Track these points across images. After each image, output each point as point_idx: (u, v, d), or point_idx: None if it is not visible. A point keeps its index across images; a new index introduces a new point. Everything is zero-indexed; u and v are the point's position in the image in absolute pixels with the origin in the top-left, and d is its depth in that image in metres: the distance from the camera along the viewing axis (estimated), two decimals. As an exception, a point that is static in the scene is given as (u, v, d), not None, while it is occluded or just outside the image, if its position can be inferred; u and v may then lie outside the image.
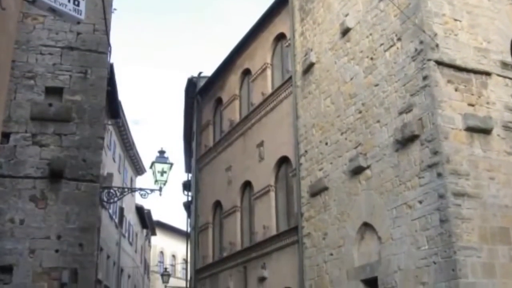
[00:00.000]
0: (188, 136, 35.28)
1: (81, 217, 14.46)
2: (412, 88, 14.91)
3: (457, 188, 13.37)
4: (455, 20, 15.31)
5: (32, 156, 14.71)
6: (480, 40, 15.50)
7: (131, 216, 48.86)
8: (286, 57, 23.20)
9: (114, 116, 34.26)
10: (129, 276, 47.97)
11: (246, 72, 26.63)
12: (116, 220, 39.89)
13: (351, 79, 17.76)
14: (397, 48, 15.77)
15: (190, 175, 34.13)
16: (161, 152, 19.35)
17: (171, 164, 18.93)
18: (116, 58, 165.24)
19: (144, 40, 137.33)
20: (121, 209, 40.99)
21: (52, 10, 10.84)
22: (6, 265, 13.67)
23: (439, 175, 13.54)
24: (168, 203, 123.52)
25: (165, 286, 44.64)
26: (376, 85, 16.48)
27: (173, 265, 69.15)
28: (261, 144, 23.83)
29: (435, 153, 13.75)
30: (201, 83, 31.13)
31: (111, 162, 37.09)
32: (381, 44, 16.50)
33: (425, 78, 14.50)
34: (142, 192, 18.44)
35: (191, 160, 33.66)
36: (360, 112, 17.07)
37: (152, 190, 18.28)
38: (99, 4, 15.78)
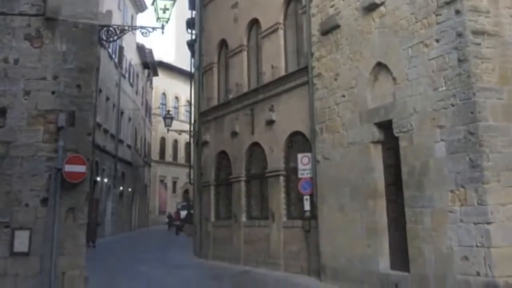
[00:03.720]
0: (191, -30, 34.80)
1: (78, 57, 14.47)
2: None
3: (476, 26, 13.30)
4: None
5: (27, -9, 14.56)
6: None
7: (131, 56, 49.06)
8: None
9: None
10: (129, 119, 48.81)
11: None
12: (116, 60, 40.15)
13: None
14: None
15: (194, 12, 33.83)
16: (163, -12, 19.14)
17: (174, 0, 18.77)
18: None
19: None
20: (121, 48, 41.14)
21: None
22: (0, 108, 13.88)
23: (457, 12, 13.46)
24: (171, 43, 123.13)
25: (168, 130, 45.20)
26: None
27: (176, 108, 69.94)
28: (269, -21, 23.53)
29: (453, -12, 13.61)
30: None
31: (109, -2, 36.89)
32: None
33: None
34: (143, 30, 18.34)
35: (195, -4, 33.30)
36: None
37: (154, 28, 18.18)
38: None
